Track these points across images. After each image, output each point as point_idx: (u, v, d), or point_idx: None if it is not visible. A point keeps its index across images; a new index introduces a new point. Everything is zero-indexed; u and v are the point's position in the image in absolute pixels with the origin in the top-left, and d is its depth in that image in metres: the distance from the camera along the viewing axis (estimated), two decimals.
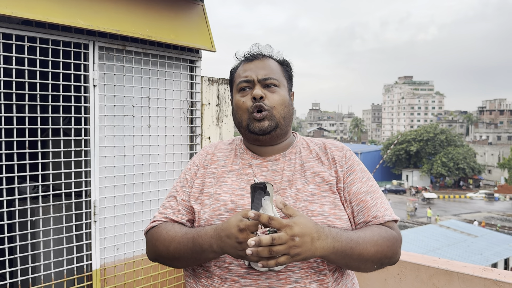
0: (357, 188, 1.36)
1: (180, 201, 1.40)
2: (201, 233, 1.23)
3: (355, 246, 1.20)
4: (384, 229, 1.30)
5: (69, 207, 2.39)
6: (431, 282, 2.25)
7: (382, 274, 2.46)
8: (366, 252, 1.21)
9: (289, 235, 1.07)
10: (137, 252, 2.65)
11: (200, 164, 1.46)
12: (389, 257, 1.28)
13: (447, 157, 51.32)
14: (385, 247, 1.26)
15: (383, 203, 1.36)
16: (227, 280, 1.25)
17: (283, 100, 1.41)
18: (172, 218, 1.38)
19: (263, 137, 1.39)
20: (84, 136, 2.41)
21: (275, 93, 1.40)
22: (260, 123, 1.37)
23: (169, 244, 1.30)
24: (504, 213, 37.79)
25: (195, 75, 2.99)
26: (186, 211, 1.39)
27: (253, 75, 1.40)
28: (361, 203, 1.33)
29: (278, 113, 1.39)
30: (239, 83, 1.43)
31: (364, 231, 1.26)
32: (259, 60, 1.44)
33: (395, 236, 1.30)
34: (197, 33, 2.91)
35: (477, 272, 2.15)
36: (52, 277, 2.28)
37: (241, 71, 1.44)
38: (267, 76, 1.40)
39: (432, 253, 18.62)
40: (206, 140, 3.09)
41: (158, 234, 1.34)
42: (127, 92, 2.62)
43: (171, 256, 1.31)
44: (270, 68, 1.42)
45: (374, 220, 1.32)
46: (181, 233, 1.29)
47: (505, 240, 23.04)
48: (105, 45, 2.47)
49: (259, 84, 1.40)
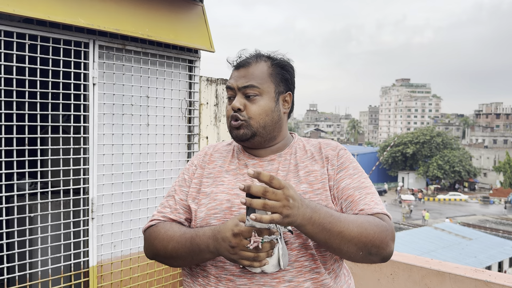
0: (346, 184, 1.36)
1: (178, 200, 1.43)
2: (200, 234, 1.26)
3: (335, 222, 1.18)
4: (373, 217, 1.27)
5: (67, 204, 2.41)
6: (423, 282, 2.29)
7: (376, 274, 2.49)
8: (348, 231, 1.19)
9: (285, 195, 1.09)
10: (134, 249, 2.67)
11: (198, 164, 1.49)
12: (376, 245, 1.23)
13: (443, 160, 51.46)
14: (370, 232, 1.21)
15: (373, 198, 1.34)
16: (222, 279, 1.28)
17: (262, 110, 1.41)
18: (171, 217, 1.41)
19: (243, 143, 1.44)
20: (83, 134, 2.43)
21: (255, 103, 1.41)
22: (237, 130, 1.41)
23: (168, 243, 1.32)
24: (499, 216, 37.96)
25: (194, 75, 3.02)
26: (184, 210, 1.41)
27: (234, 83, 1.43)
28: (349, 198, 1.33)
29: (257, 122, 1.40)
30: (226, 89, 1.48)
31: (349, 215, 1.26)
32: (244, 68, 1.44)
33: (385, 225, 1.26)
34: (196, 34, 2.94)
35: (469, 273, 2.18)
36: (49, 273, 2.31)
37: (230, 78, 1.48)
38: (247, 84, 1.40)
39: (426, 255, 18.66)
40: (204, 140, 3.12)
41: (157, 233, 1.37)
42: (126, 91, 2.65)
43: (169, 255, 1.34)
44: (252, 76, 1.41)
45: (361, 212, 1.30)
46: (179, 233, 1.32)
47: (499, 243, 23.15)
48: (105, 44, 2.50)
49: (239, 92, 1.42)
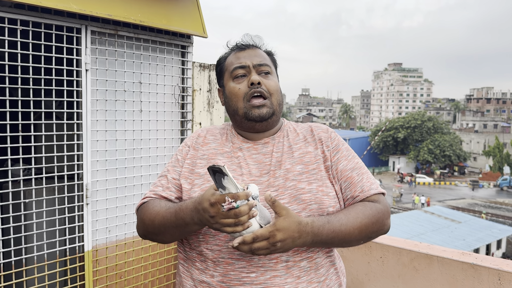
0: (343, 165, 1.42)
1: (171, 179, 1.45)
2: (183, 207, 1.28)
3: (337, 235, 1.27)
4: (369, 206, 1.36)
5: (61, 190, 2.43)
6: (412, 265, 2.35)
7: (366, 257, 2.55)
8: (349, 236, 1.29)
9: (270, 243, 1.16)
10: (129, 234, 2.70)
11: (191, 146, 1.50)
12: (375, 231, 1.35)
13: (433, 144, 51.93)
14: (369, 225, 1.32)
15: (368, 178, 1.43)
16: (220, 263, 1.31)
17: (278, 86, 1.47)
18: (162, 195, 1.42)
19: (259, 124, 1.43)
20: (76, 120, 2.43)
21: (271, 80, 1.45)
22: (260, 109, 1.41)
23: (154, 218, 1.35)
24: (488, 200, 38.57)
25: (187, 61, 3.01)
26: (176, 188, 1.43)
27: (247, 61, 1.44)
28: (348, 180, 1.41)
29: (276, 99, 1.44)
30: (233, 70, 1.45)
31: (348, 214, 1.32)
32: (251, 49, 1.48)
33: (381, 210, 1.36)
34: (189, 19, 2.92)
35: (456, 256, 2.25)
36: (45, 257, 2.33)
37: (234, 59, 1.47)
38: (263, 62, 1.45)
39: (416, 238, 19.00)
40: (197, 126, 3.13)
41: (145, 209, 1.40)
42: (119, 77, 2.64)
43: (157, 230, 1.36)
44: (263, 56, 1.48)
45: (360, 195, 1.39)
46: (165, 208, 1.34)
47: (487, 226, 23.60)
48: (97, 29, 2.48)
49: (254, 70, 1.43)
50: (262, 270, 1.27)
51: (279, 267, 1.28)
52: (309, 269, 1.32)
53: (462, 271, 2.17)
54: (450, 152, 51.31)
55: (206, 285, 1.33)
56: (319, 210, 1.32)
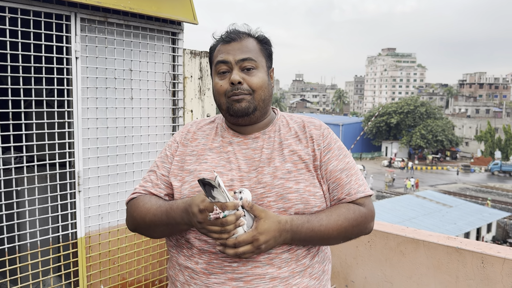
0: (334, 166, 1.42)
1: (160, 175, 1.47)
2: (174, 207, 1.31)
3: (316, 234, 1.32)
4: (353, 209, 1.39)
5: (53, 177, 2.45)
6: (398, 249, 2.41)
7: (354, 241, 2.61)
8: (327, 236, 1.34)
9: (254, 247, 1.23)
10: (121, 221, 2.73)
11: (180, 142, 1.51)
12: (355, 233, 1.41)
13: (426, 130, 52.22)
14: (349, 228, 1.37)
15: (357, 180, 1.43)
16: (205, 251, 1.35)
17: (262, 82, 1.42)
18: (151, 191, 1.45)
19: (242, 119, 1.42)
20: (67, 108, 2.44)
21: (254, 76, 1.40)
22: (239, 104, 1.39)
23: (145, 215, 1.38)
24: (479, 184, 39.04)
25: (177, 48, 3.01)
26: (165, 185, 1.45)
27: (230, 57, 1.40)
28: (336, 181, 1.41)
29: (259, 95, 1.41)
30: (216, 65, 1.43)
31: (330, 216, 1.35)
32: (237, 42, 1.42)
33: (364, 213, 1.40)
34: (179, 5, 2.91)
35: (441, 240, 2.31)
36: (38, 244, 2.36)
37: (218, 52, 1.43)
38: (245, 57, 1.40)
39: (407, 223, 19.26)
40: (188, 113, 3.14)
41: (136, 205, 1.42)
42: (109, 65, 2.64)
43: (148, 227, 1.40)
44: (248, 50, 1.41)
45: (347, 197, 1.40)
46: (156, 206, 1.37)
47: (478, 210, 23.92)
48: (87, 16, 2.47)
49: (237, 66, 1.40)
50: (244, 261, 1.31)
51: (261, 258, 1.32)
52: (290, 260, 1.35)
53: (447, 254, 2.23)
54: (442, 137, 51.66)
55: (190, 271, 1.37)
56: (305, 210, 1.35)
